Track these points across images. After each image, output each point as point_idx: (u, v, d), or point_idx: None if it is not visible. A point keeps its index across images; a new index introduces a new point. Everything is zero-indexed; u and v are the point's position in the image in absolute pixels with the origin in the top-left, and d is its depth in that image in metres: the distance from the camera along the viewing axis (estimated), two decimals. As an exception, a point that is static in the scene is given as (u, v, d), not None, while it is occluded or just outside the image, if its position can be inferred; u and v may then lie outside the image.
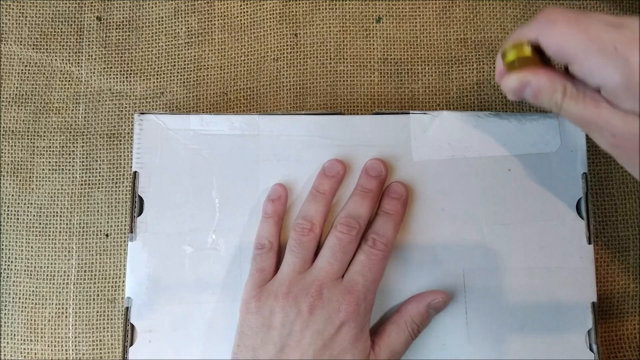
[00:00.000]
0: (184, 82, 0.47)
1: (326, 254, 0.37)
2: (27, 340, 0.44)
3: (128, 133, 0.46)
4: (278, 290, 0.37)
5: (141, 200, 0.40)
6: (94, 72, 0.47)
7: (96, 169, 0.46)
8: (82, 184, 0.46)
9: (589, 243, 0.39)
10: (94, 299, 0.44)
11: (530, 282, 0.39)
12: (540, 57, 0.32)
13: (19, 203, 0.45)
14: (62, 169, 0.46)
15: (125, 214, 0.45)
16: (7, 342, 0.44)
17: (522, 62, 0.32)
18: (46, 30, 0.48)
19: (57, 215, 0.45)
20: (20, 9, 0.48)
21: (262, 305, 0.37)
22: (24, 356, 0.44)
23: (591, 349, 0.38)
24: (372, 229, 0.38)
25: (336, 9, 0.48)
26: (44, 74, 0.47)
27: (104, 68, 0.47)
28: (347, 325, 0.36)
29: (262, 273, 0.38)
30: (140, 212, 0.40)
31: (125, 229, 0.45)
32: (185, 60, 0.47)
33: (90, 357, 0.44)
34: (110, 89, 0.47)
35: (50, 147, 0.46)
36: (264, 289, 0.37)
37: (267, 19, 0.48)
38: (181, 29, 0.48)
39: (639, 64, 0.28)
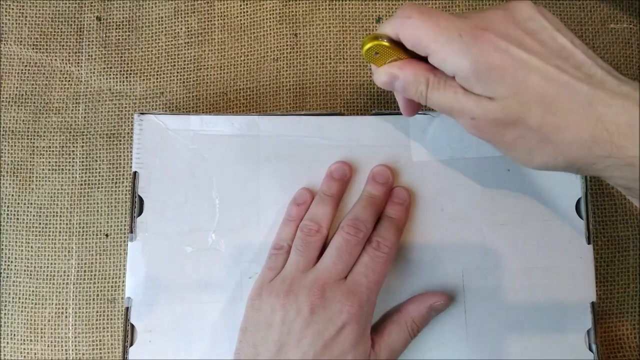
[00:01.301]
0: (183, 82, 0.47)
1: (331, 254, 0.37)
2: (27, 340, 0.44)
3: (128, 133, 0.46)
4: (280, 288, 0.37)
5: (141, 200, 0.40)
6: (94, 72, 0.47)
7: (96, 169, 0.46)
8: (82, 184, 0.46)
9: (589, 243, 0.39)
10: (94, 299, 0.44)
11: (529, 282, 0.39)
12: (403, 48, 0.33)
13: (19, 203, 0.45)
14: (62, 169, 0.46)
15: (125, 214, 0.45)
16: (7, 342, 0.44)
17: (384, 55, 0.33)
18: (46, 30, 0.48)
19: (57, 215, 0.45)
20: (20, 9, 0.48)
21: (264, 302, 0.37)
22: (24, 356, 0.44)
23: (590, 349, 0.39)
24: (376, 232, 0.38)
25: (336, 9, 0.48)
26: (44, 74, 0.47)
27: (104, 68, 0.47)
28: (349, 327, 0.36)
29: (272, 271, 0.38)
30: (140, 212, 0.40)
31: (125, 229, 0.45)
32: (185, 60, 0.47)
33: (90, 357, 0.44)
34: (110, 89, 0.47)
35: (50, 147, 0.46)
36: (268, 286, 0.37)
37: (267, 19, 0.48)
38: (181, 29, 0.48)
39: (481, 50, 0.29)
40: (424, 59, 0.32)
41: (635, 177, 0.29)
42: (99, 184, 0.46)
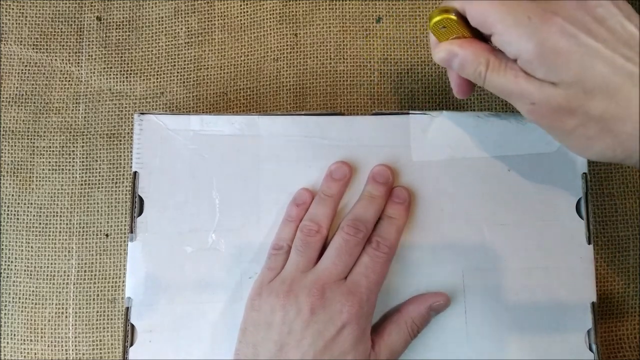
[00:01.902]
0: (184, 82, 0.47)
1: (331, 254, 0.37)
2: (27, 340, 0.44)
3: (128, 133, 0.46)
4: (280, 288, 0.37)
5: (141, 200, 0.40)
6: (94, 72, 0.47)
7: (96, 169, 0.46)
8: (82, 184, 0.46)
9: (589, 243, 0.39)
10: (94, 299, 0.44)
11: (529, 282, 0.39)
12: (468, 26, 0.32)
13: (19, 203, 0.45)
14: (62, 169, 0.46)
15: (125, 214, 0.45)
16: (7, 342, 0.44)
17: (450, 29, 0.33)
18: (46, 30, 0.48)
19: (57, 215, 0.45)
20: (20, 9, 0.48)
21: (264, 302, 0.37)
22: (24, 356, 0.44)
23: (591, 349, 0.38)
24: (376, 232, 0.38)
25: (336, 9, 0.48)
26: (44, 74, 0.47)
27: (104, 68, 0.47)
28: (349, 327, 0.36)
29: (271, 272, 0.38)
30: (141, 212, 0.40)
31: (125, 229, 0.45)
32: (185, 60, 0.47)
33: (90, 357, 0.44)
34: (110, 89, 0.47)
35: (50, 147, 0.46)
36: (268, 286, 0.37)
37: (267, 19, 0.48)
38: (181, 29, 0.48)
39: (549, 33, 0.29)
40: (485, 40, 0.32)
41: None
42: (99, 184, 0.46)
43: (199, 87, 0.47)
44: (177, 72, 0.47)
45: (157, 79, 0.47)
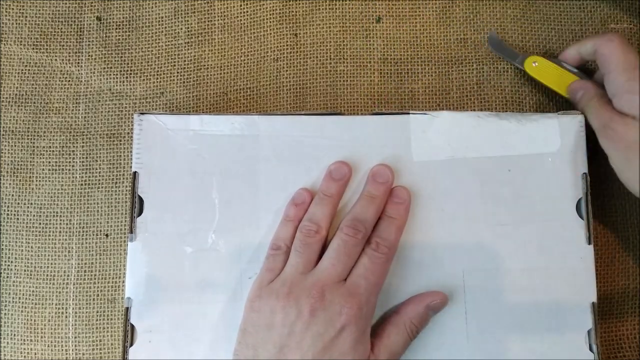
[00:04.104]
0: (184, 82, 0.47)
1: (330, 255, 0.37)
2: (27, 340, 0.44)
3: (128, 133, 0.46)
4: (280, 290, 0.37)
5: (141, 200, 0.40)
6: (94, 72, 0.47)
7: (96, 169, 0.46)
8: (82, 184, 0.46)
9: (589, 244, 0.39)
10: (94, 299, 0.44)
11: (530, 282, 0.39)
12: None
13: (19, 203, 0.45)
14: (62, 169, 0.46)
15: (125, 214, 0.45)
16: (7, 342, 0.44)
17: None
18: (46, 30, 0.48)
19: (57, 215, 0.45)
20: (20, 9, 0.48)
21: (264, 304, 0.37)
22: (24, 356, 0.44)
23: (591, 349, 0.38)
24: (375, 232, 0.38)
25: (336, 9, 0.48)
26: (44, 74, 0.47)
27: (104, 68, 0.47)
28: (349, 329, 0.36)
29: (270, 273, 0.38)
30: (140, 212, 0.40)
31: (125, 229, 0.45)
32: (185, 60, 0.47)
33: (90, 357, 0.44)
34: (110, 89, 0.47)
35: (50, 147, 0.46)
36: (267, 288, 0.37)
37: (267, 19, 0.48)
38: (181, 29, 0.48)
39: None
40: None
41: None
42: (99, 184, 0.46)
43: (199, 87, 0.47)
44: (177, 72, 0.47)
45: (157, 79, 0.47)
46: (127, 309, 0.39)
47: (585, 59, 0.43)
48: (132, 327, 0.39)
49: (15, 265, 0.45)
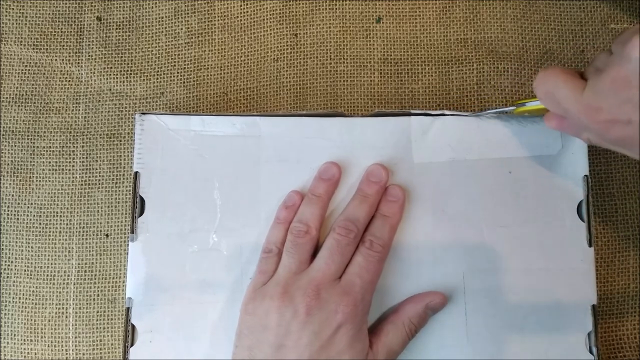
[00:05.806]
0: (184, 82, 0.47)
1: (324, 255, 0.37)
2: (27, 340, 0.44)
3: (128, 133, 0.46)
4: (274, 291, 0.37)
5: (142, 200, 0.40)
6: (94, 72, 0.47)
7: (96, 169, 0.46)
8: (82, 184, 0.46)
9: (590, 246, 0.39)
10: (94, 299, 0.44)
11: (530, 283, 0.39)
12: None
13: (19, 203, 0.45)
14: (62, 169, 0.46)
15: (126, 214, 0.45)
16: (7, 342, 0.44)
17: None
18: (46, 30, 0.48)
19: (57, 215, 0.45)
20: (20, 9, 0.48)
21: (258, 306, 0.37)
22: (24, 356, 0.44)
23: (591, 351, 0.39)
24: (369, 231, 0.38)
25: (336, 9, 0.48)
26: (44, 74, 0.47)
27: (104, 68, 0.47)
28: (345, 327, 0.36)
29: (263, 275, 0.38)
30: (142, 212, 0.40)
31: (125, 229, 0.45)
32: (185, 60, 0.47)
33: (91, 357, 0.44)
34: (110, 89, 0.47)
35: (50, 147, 0.46)
36: (261, 290, 0.37)
37: (267, 19, 0.48)
38: (181, 29, 0.48)
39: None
40: None
41: None
42: (99, 184, 0.46)
43: (199, 87, 0.47)
44: (177, 72, 0.47)
45: (157, 79, 0.47)
46: (128, 309, 0.39)
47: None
48: (133, 327, 0.39)
49: (15, 265, 0.45)
